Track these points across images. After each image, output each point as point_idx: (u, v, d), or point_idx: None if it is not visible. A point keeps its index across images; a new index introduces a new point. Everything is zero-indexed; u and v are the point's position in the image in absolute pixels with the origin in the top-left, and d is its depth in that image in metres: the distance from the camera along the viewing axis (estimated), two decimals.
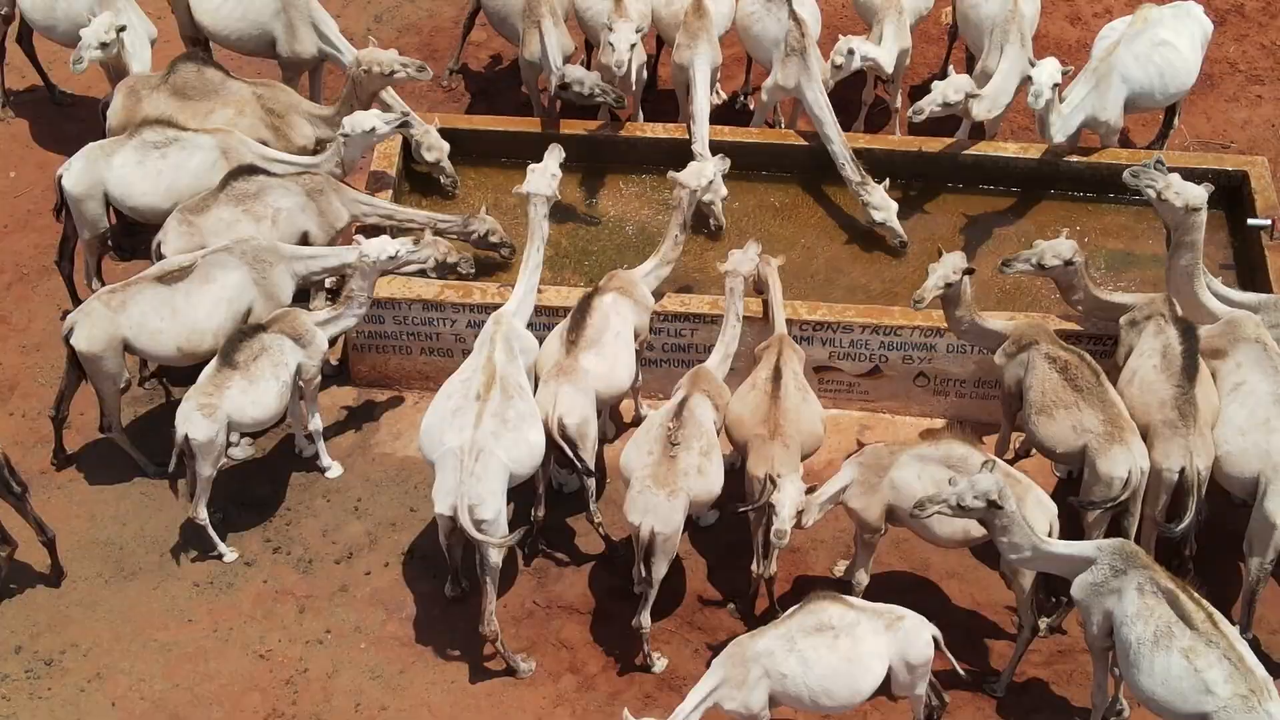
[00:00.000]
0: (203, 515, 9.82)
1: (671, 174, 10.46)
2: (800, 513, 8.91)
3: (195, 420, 9.57)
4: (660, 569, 9.23)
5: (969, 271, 9.68)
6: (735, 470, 9.89)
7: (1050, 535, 8.85)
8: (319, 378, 10.19)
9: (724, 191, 11.16)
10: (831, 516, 9.45)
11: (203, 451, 9.59)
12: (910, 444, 9.18)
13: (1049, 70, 10.95)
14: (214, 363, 9.77)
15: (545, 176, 10.24)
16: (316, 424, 10.36)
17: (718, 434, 9.65)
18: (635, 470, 9.31)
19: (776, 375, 9.52)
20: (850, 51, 11.42)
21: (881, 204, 11.25)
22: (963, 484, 8.47)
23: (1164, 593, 8.36)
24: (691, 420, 9.42)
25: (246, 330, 9.83)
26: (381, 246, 10.00)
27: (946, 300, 9.79)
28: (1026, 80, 11.36)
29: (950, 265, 9.63)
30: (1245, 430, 9.32)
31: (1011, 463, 10.37)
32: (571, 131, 11.83)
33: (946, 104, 11.23)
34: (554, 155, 10.41)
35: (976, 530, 8.93)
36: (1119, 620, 8.47)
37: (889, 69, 11.80)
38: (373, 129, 10.80)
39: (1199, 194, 9.62)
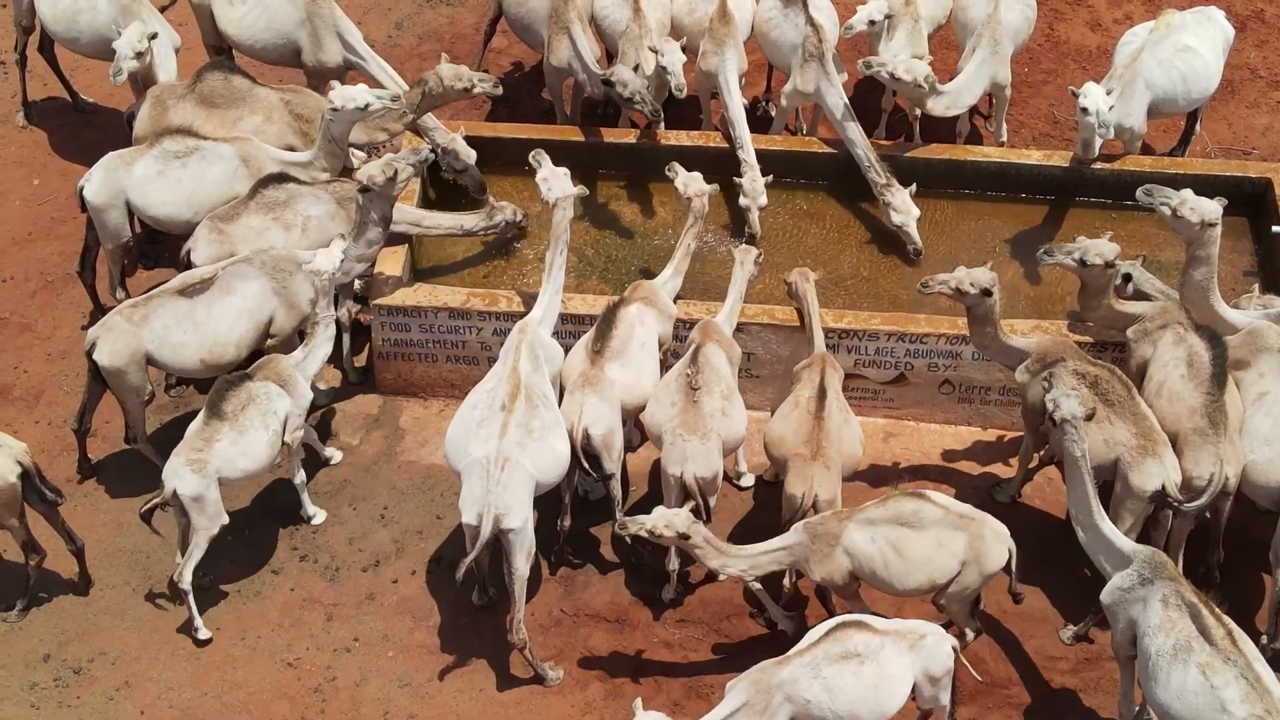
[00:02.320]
0: (188, 580, 9.53)
1: (685, 191, 10.56)
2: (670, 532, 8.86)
3: (184, 476, 9.41)
4: (711, 505, 9.60)
5: (986, 293, 9.66)
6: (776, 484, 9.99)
7: (1010, 567, 9.01)
8: (303, 429, 10.00)
9: (763, 200, 11.23)
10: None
11: (195, 508, 9.42)
12: (857, 510, 9.08)
13: (1101, 96, 10.96)
14: (201, 415, 9.60)
15: (562, 178, 10.27)
16: (301, 477, 10.19)
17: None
18: (664, 423, 9.52)
19: (821, 395, 9.52)
20: (888, 16, 11.62)
21: (903, 207, 11.28)
22: (1066, 391, 8.95)
23: (1187, 606, 8.38)
24: (708, 366, 9.61)
25: (232, 380, 9.67)
26: (330, 259, 9.84)
27: (974, 318, 9.81)
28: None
29: (972, 276, 9.62)
30: (1271, 440, 9.34)
31: (1032, 472, 10.44)
32: (595, 139, 11.86)
33: (896, 79, 11.25)
34: (544, 157, 10.44)
35: (940, 578, 8.95)
36: (1141, 630, 8.50)
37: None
38: (366, 105, 10.63)
39: (1214, 209, 9.66)
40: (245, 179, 10.77)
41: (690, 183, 10.56)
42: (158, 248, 11.84)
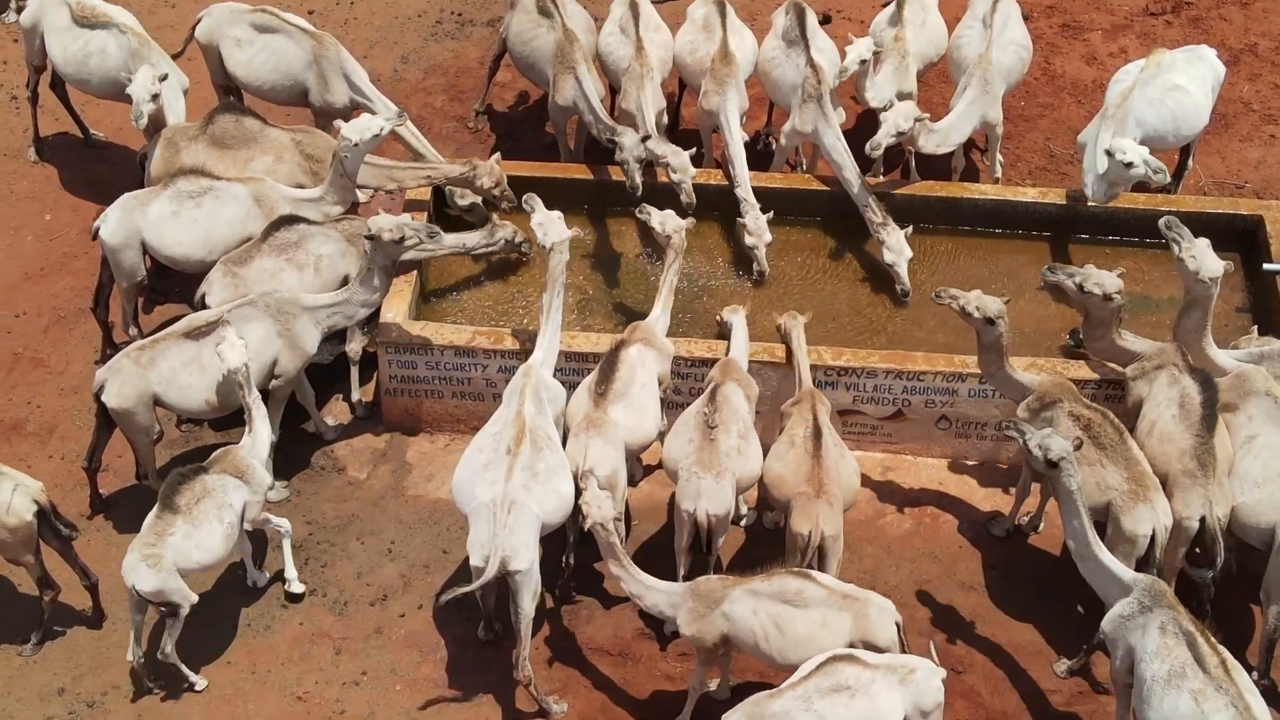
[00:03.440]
0: (173, 654, 9.59)
1: (663, 230, 10.67)
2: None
3: (140, 571, 9.37)
4: (718, 543, 9.77)
5: (989, 321, 9.87)
6: (778, 530, 10.20)
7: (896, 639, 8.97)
8: (264, 513, 9.99)
9: (768, 237, 11.44)
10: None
11: (157, 600, 9.44)
12: (744, 579, 9.15)
13: (1135, 145, 11.05)
14: (155, 509, 9.56)
15: (557, 222, 10.43)
16: (285, 526, 10.22)
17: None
18: (680, 460, 9.71)
19: (816, 434, 9.71)
20: (876, 52, 11.82)
21: (897, 247, 11.46)
22: (1045, 430, 9.14)
23: (1184, 634, 8.57)
24: (726, 405, 9.81)
25: (186, 473, 9.62)
26: (236, 354, 9.84)
27: (981, 344, 10.04)
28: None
29: (981, 301, 9.85)
30: (1260, 483, 9.52)
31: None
32: (599, 176, 12.04)
33: (900, 133, 11.49)
34: (537, 201, 10.60)
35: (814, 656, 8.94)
36: (1139, 656, 8.69)
37: (871, 102, 11.99)
38: (380, 130, 10.82)
39: (1215, 267, 9.88)
40: (258, 218, 10.97)
41: (667, 221, 10.70)
42: (167, 282, 11.99)
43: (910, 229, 11.49)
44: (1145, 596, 8.77)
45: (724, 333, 10.77)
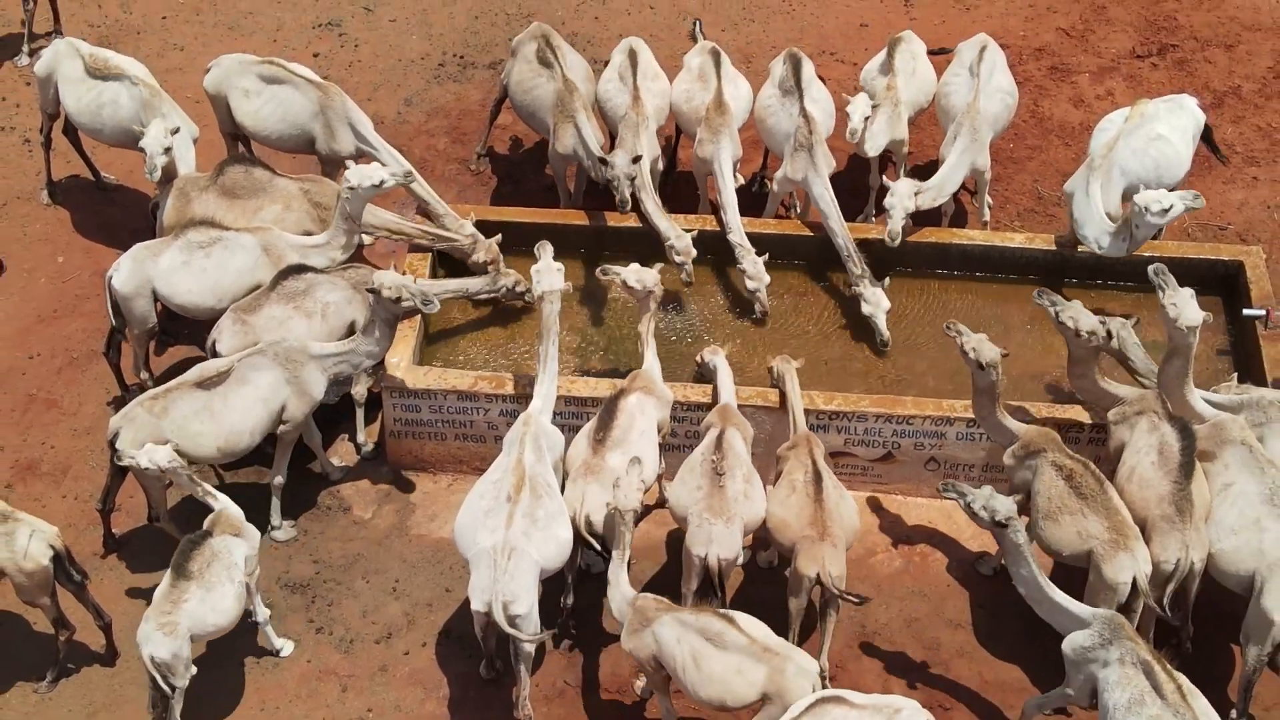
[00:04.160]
0: None
1: (644, 286, 10.85)
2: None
3: (157, 640, 9.46)
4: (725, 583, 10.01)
5: (980, 367, 10.16)
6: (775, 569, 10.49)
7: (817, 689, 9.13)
8: (258, 569, 10.16)
9: (767, 279, 11.74)
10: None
11: (169, 669, 9.50)
12: (676, 608, 9.40)
13: (1161, 193, 11.22)
14: (167, 577, 9.69)
15: (554, 273, 10.71)
16: (264, 613, 10.39)
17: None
18: (690, 506, 9.97)
19: (817, 478, 9.98)
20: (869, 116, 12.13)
21: (874, 299, 11.72)
22: (985, 490, 9.34)
23: (1141, 664, 8.93)
24: (731, 451, 10.09)
25: (194, 539, 9.80)
26: (164, 453, 9.99)
27: (975, 387, 10.34)
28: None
29: (981, 346, 10.14)
30: (1237, 530, 9.77)
31: None
32: (598, 222, 12.33)
33: (908, 211, 11.78)
34: (547, 249, 10.88)
35: (732, 701, 9.15)
36: (1102, 686, 9.06)
37: (869, 152, 12.30)
38: (380, 182, 11.12)
39: (1194, 317, 10.13)
40: (267, 267, 11.26)
41: (644, 277, 10.83)
42: (177, 324, 12.27)
43: (889, 280, 11.78)
44: (1105, 630, 9.11)
45: (704, 374, 11.05)
